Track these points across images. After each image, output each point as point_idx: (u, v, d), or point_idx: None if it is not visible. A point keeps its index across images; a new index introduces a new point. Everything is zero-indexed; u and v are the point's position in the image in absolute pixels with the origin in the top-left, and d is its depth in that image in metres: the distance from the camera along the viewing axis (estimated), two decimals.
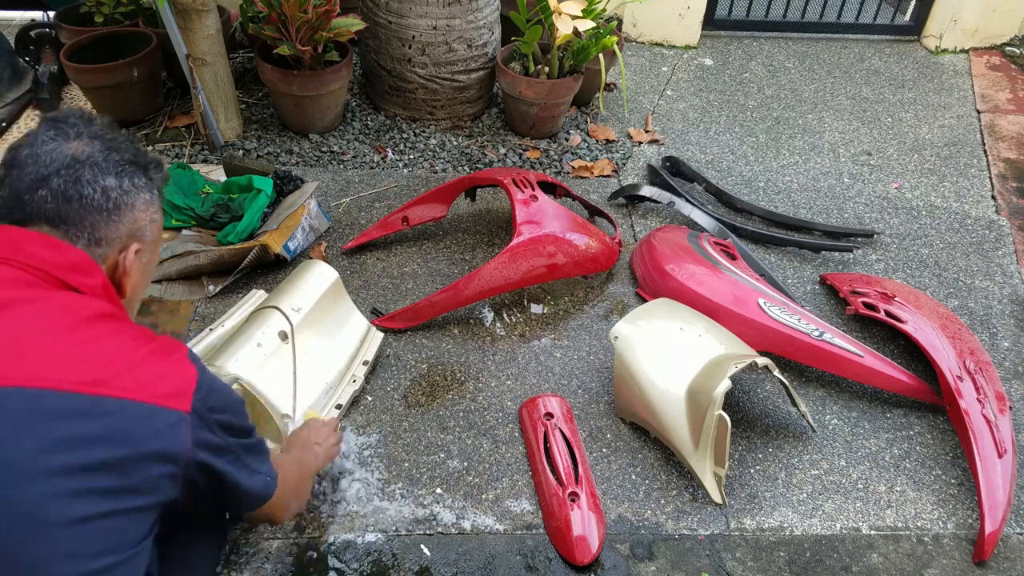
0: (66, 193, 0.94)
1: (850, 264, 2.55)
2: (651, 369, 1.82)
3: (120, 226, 0.99)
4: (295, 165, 2.82)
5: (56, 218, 0.94)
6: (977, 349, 2.08)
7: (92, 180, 0.96)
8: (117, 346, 0.90)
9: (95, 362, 0.87)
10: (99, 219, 0.97)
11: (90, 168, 0.96)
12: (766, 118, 3.38)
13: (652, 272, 2.29)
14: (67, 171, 0.95)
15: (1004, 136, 3.31)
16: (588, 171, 2.92)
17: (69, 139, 0.97)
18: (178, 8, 2.52)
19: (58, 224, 0.95)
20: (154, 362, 0.92)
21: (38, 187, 0.94)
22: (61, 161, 0.95)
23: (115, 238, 0.99)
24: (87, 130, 0.99)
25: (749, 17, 4.15)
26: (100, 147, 0.98)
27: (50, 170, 0.94)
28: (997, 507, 1.72)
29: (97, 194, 0.96)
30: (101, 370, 0.87)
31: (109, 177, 0.97)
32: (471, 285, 2.11)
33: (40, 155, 0.95)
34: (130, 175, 1.00)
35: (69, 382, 0.84)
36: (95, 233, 0.97)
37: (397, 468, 1.80)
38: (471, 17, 2.90)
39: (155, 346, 0.94)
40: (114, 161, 0.99)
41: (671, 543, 1.69)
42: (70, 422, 0.83)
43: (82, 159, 0.96)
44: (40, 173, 0.94)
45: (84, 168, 0.96)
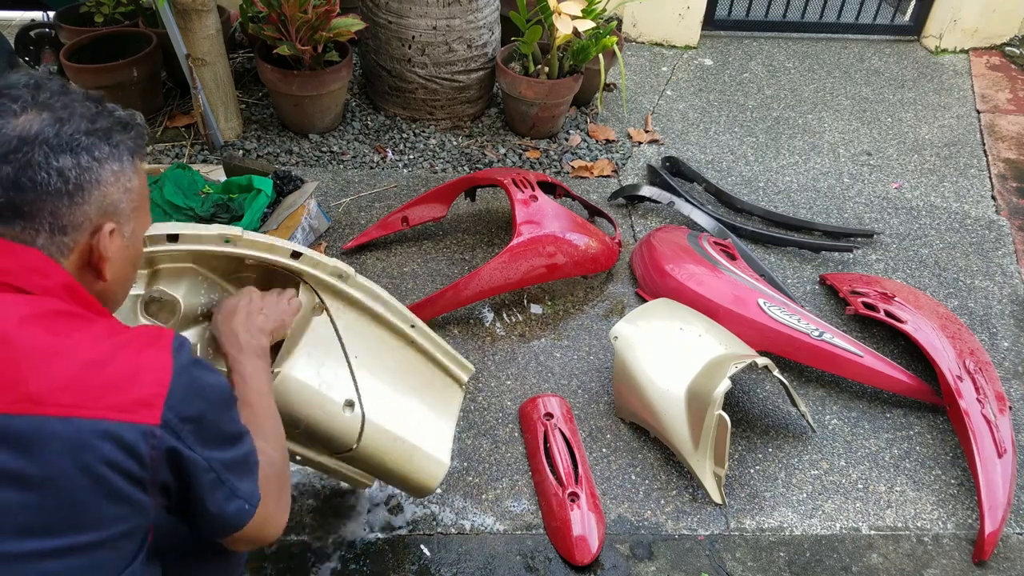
0: (17, 182, 0.80)
1: (850, 264, 2.55)
2: (651, 369, 1.82)
3: (86, 207, 0.85)
4: (295, 165, 2.82)
5: (10, 212, 0.80)
6: (977, 349, 2.08)
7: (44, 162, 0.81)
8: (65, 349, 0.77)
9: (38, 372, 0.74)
10: (59, 205, 0.82)
11: (40, 148, 0.81)
12: (766, 118, 3.38)
13: (652, 272, 2.29)
14: (15, 155, 0.80)
15: (1004, 136, 3.31)
16: (588, 171, 2.92)
17: (15, 115, 0.82)
18: (178, 8, 2.52)
19: (12, 220, 0.81)
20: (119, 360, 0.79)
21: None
22: (7, 144, 0.80)
23: (82, 222, 0.85)
24: (33, 100, 0.83)
25: (749, 17, 4.15)
26: (49, 119, 0.83)
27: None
28: (997, 507, 1.72)
29: (52, 178, 0.81)
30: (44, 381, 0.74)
31: (63, 156, 0.82)
32: (471, 285, 2.11)
33: None
34: (87, 148, 0.84)
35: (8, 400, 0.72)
36: (57, 221, 0.83)
37: None
38: (471, 17, 2.90)
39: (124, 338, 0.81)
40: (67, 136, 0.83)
41: (671, 543, 1.69)
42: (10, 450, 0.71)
43: (30, 138, 0.81)
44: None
45: (34, 149, 0.80)
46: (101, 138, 0.86)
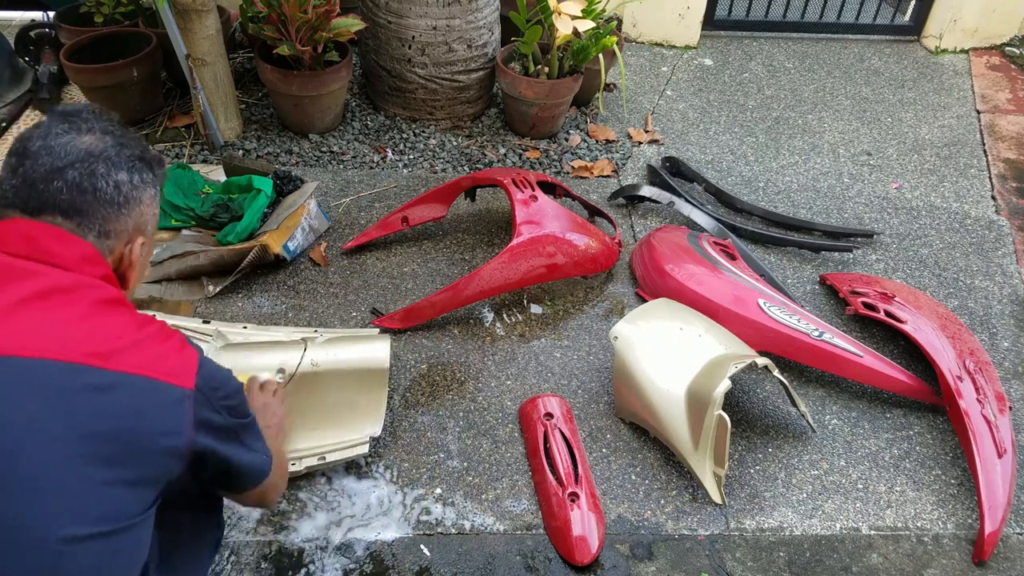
0: (81, 185, 0.96)
1: (850, 264, 2.55)
2: (651, 369, 1.82)
3: (128, 220, 1.01)
4: (295, 165, 2.82)
5: (70, 209, 0.96)
6: (977, 349, 2.08)
7: (106, 174, 0.98)
8: (123, 326, 0.93)
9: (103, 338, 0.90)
10: (110, 212, 0.99)
11: (104, 162, 0.98)
12: (766, 118, 3.38)
13: (652, 272, 2.29)
14: (82, 164, 0.96)
15: (1004, 136, 3.31)
16: (588, 171, 2.92)
17: (82, 133, 0.98)
18: (178, 8, 2.52)
19: (71, 215, 0.96)
20: (157, 341, 0.95)
21: (53, 178, 0.95)
22: (76, 154, 0.96)
23: (123, 231, 1.01)
24: (98, 125, 1.01)
25: (749, 17, 4.15)
26: (112, 142, 1.00)
27: (65, 162, 0.96)
28: (997, 507, 1.72)
29: (110, 188, 0.98)
30: (108, 345, 0.89)
31: (121, 172, 0.99)
32: (471, 285, 2.11)
33: (54, 147, 0.96)
34: (140, 171, 1.02)
35: (77, 354, 0.87)
36: (105, 226, 0.99)
37: (397, 468, 1.80)
38: (471, 17, 2.90)
39: (156, 328, 0.97)
40: (126, 156, 1.00)
41: (671, 543, 1.69)
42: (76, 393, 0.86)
43: (96, 153, 0.98)
44: (55, 164, 0.95)
45: (98, 162, 0.97)
46: (147, 166, 1.04)
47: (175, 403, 0.92)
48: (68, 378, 0.86)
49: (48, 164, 0.95)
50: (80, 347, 0.88)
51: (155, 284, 2.22)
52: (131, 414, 0.88)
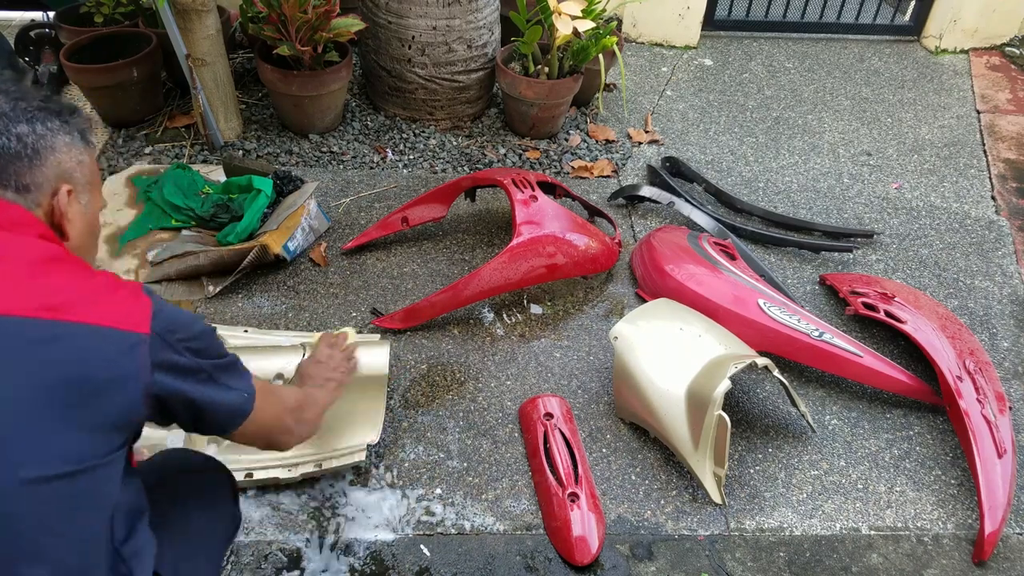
0: None
1: (850, 264, 2.55)
2: (651, 369, 1.82)
3: (44, 169, 1.00)
4: (295, 165, 2.82)
5: None
6: (977, 349, 2.08)
7: (4, 129, 0.97)
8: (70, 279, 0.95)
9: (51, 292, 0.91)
10: (20, 166, 0.98)
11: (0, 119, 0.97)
12: (766, 118, 3.38)
13: (652, 272, 2.29)
14: None
15: (1004, 136, 3.31)
16: (588, 171, 2.92)
17: None
18: (178, 8, 2.52)
19: None
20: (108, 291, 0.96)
21: None
22: None
23: (42, 182, 1.00)
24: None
25: (749, 17, 4.15)
26: (5, 99, 0.99)
27: None
28: (997, 507, 1.72)
29: (12, 142, 0.97)
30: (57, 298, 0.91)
31: (20, 124, 0.98)
32: (471, 285, 2.11)
33: None
34: (41, 120, 1.01)
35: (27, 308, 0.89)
36: (20, 180, 0.98)
37: (397, 468, 1.80)
38: (471, 17, 2.90)
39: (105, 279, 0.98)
40: (22, 109, 0.99)
41: (671, 543, 1.69)
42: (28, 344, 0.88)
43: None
44: None
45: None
46: (52, 113, 1.02)
47: (128, 348, 0.93)
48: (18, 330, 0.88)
49: None
50: (29, 301, 0.89)
51: (155, 284, 2.22)
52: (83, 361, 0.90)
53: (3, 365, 0.87)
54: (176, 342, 0.99)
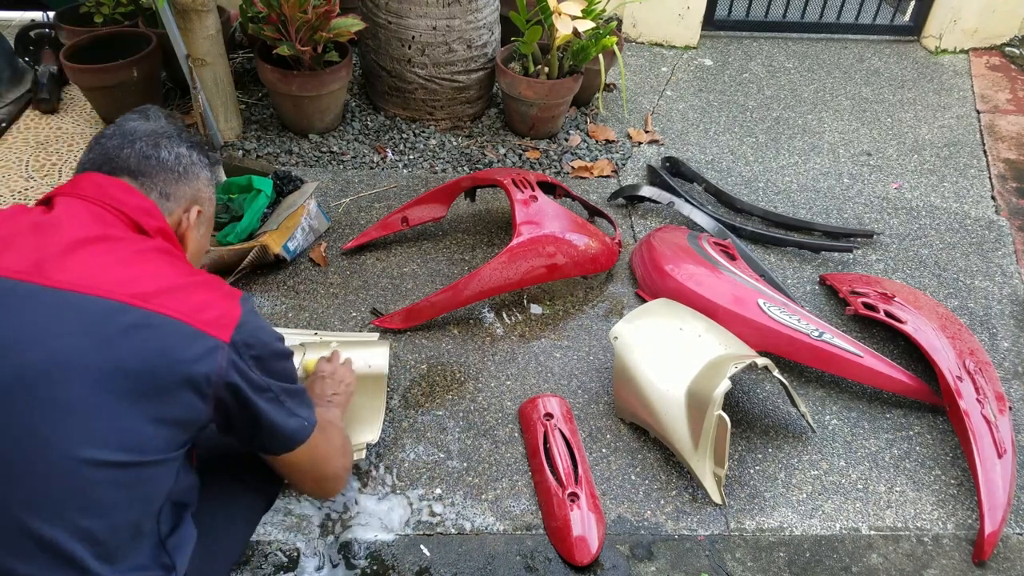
0: (146, 153, 1.13)
1: (850, 264, 2.55)
2: (651, 369, 1.82)
3: (186, 188, 1.17)
4: (295, 165, 2.82)
5: (136, 172, 1.12)
6: (977, 349, 2.08)
7: (168, 146, 1.16)
8: (169, 272, 1.02)
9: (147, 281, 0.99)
10: (170, 177, 1.15)
11: (167, 138, 1.16)
12: (766, 118, 3.38)
13: (652, 272, 2.29)
14: (148, 137, 1.15)
15: (1004, 136, 3.31)
16: (588, 171, 2.92)
17: (150, 120, 1.18)
18: (178, 9, 2.52)
19: (137, 176, 1.12)
20: (203, 292, 1.03)
21: (124, 147, 1.13)
22: (144, 132, 1.15)
23: (181, 197, 1.16)
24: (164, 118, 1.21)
25: (749, 17, 4.15)
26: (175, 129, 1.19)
27: (135, 137, 1.14)
28: (997, 507, 1.72)
29: (171, 157, 1.15)
30: (150, 287, 0.98)
31: (182, 146, 1.18)
32: (471, 285, 2.11)
33: (126, 128, 1.16)
34: (196, 150, 1.20)
35: (121, 294, 0.96)
36: (166, 188, 1.14)
37: (397, 468, 1.80)
38: (471, 17, 2.90)
39: (207, 280, 1.06)
40: (186, 137, 1.20)
41: (671, 543, 1.69)
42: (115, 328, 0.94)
43: (160, 132, 1.17)
44: (127, 139, 1.14)
45: (162, 138, 1.16)
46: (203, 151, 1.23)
47: (207, 352, 0.98)
48: (109, 314, 0.94)
49: (121, 139, 1.14)
50: (124, 288, 0.96)
51: None
52: (163, 353, 0.95)
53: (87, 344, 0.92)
54: (249, 356, 1.03)
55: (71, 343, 0.92)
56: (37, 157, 2.76)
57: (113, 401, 0.92)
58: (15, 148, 2.80)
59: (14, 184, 2.62)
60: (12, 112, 2.96)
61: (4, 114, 2.93)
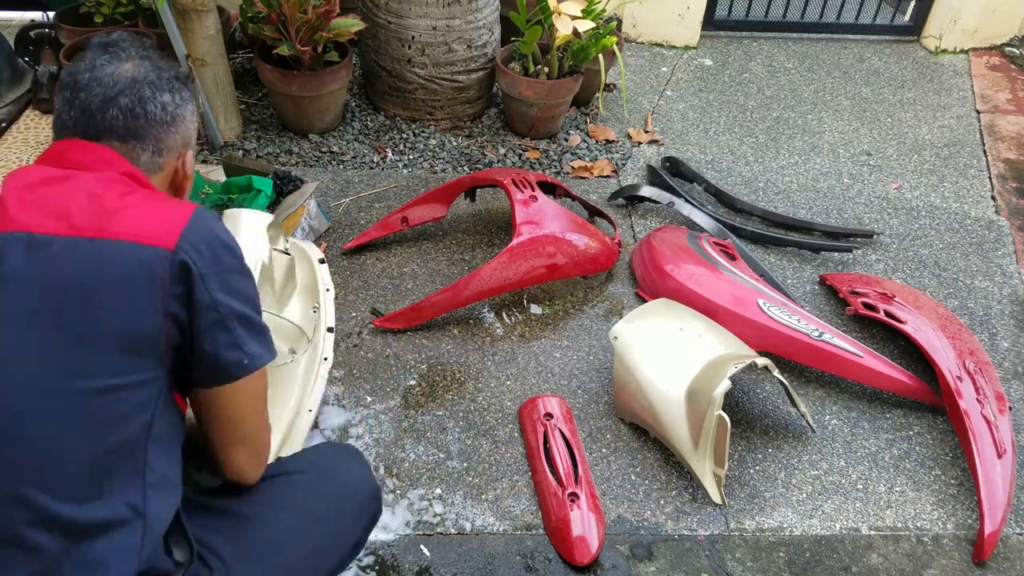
0: (133, 111, 1.05)
1: (850, 264, 2.55)
2: (650, 369, 1.82)
3: (177, 136, 1.11)
4: (295, 165, 2.82)
5: (126, 133, 1.05)
6: (977, 349, 2.08)
7: (152, 97, 1.07)
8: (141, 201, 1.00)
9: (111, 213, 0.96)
10: (162, 131, 1.08)
11: (148, 87, 1.07)
12: (766, 118, 3.38)
13: (652, 272, 2.29)
14: (131, 90, 1.05)
15: (1004, 136, 3.31)
16: (588, 171, 2.92)
17: (123, 60, 1.08)
18: (178, 8, 2.52)
19: (127, 139, 1.05)
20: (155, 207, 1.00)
21: (108, 106, 1.04)
22: (123, 82, 1.05)
23: (174, 147, 1.11)
24: (135, 51, 1.10)
25: (749, 17, 4.15)
26: (151, 66, 1.09)
27: (115, 91, 1.05)
28: (997, 507, 1.73)
29: (158, 109, 1.07)
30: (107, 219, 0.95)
31: (165, 94, 1.09)
32: (471, 285, 2.11)
33: (102, 78, 1.05)
34: (179, 90, 1.12)
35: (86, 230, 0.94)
36: (159, 144, 1.08)
37: (397, 468, 1.80)
38: (471, 17, 2.90)
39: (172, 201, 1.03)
40: (166, 79, 1.10)
41: (671, 543, 1.69)
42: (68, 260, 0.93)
43: (140, 79, 1.07)
44: (107, 94, 1.04)
45: (144, 87, 1.06)
46: (183, 84, 1.14)
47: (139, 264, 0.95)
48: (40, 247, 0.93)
49: (101, 94, 1.04)
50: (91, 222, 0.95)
51: None
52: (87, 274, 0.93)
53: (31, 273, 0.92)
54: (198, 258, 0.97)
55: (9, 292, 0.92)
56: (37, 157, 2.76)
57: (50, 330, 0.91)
58: (15, 148, 2.80)
59: None
60: (12, 112, 2.96)
61: (4, 114, 2.93)
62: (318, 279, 2.10)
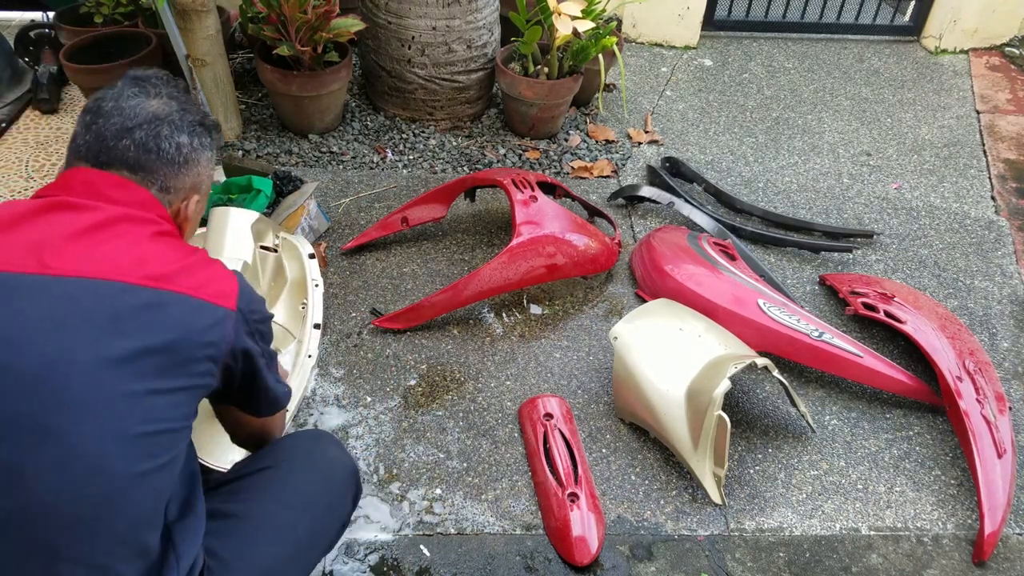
0: (146, 145, 1.07)
1: (850, 264, 2.55)
2: (650, 369, 1.82)
3: (187, 178, 1.12)
4: (295, 165, 2.82)
5: (136, 165, 1.06)
6: (977, 350, 2.08)
7: (169, 136, 1.09)
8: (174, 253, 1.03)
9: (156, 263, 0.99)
10: (171, 171, 1.09)
11: (168, 125, 1.09)
12: (766, 118, 3.38)
13: (652, 272, 2.29)
14: (149, 126, 1.07)
15: (1004, 136, 3.31)
16: (588, 171, 2.92)
17: (150, 97, 1.10)
18: (178, 9, 2.52)
19: (136, 171, 1.06)
20: (204, 267, 1.05)
21: (123, 136, 1.06)
22: (144, 116, 1.07)
23: (181, 188, 1.11)
24: (165, 91, 1.13)
25: (749, 18, 4.15)
26: (176, 108, 1.11)
27: (134, 123, 1.06)
28: (997, 507, 1.72)
29: (172, 149, 1.09)
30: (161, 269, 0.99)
31: (183, 135, 1.10)
32: (471, 285, 2.11)
33: (125, 108, 1.07)
34: (199, 135, 1.13)
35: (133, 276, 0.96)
36: (166, 182, 1.09)
37: (397, 468, 1.80)
38: (471, 18, 2.90)
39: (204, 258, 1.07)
40: (188, 121, 1.12)
41: (671, 544, 1.69)
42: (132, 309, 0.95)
43: (162, 117, 1.09)
44: (125, 124, 1.06)
45: (163, 125, 1.08)
46: (206, 131, 1.15)
47: (219, 321, 1.01)
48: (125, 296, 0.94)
49: (119, 123, 1.06)
50: (135, 270, 0.97)
51: None
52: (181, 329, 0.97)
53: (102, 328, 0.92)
54: (252, 321, 1.07)
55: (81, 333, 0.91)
56: (37, 157, 2.76)
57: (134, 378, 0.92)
58: (15, 148, 2.80)
59: (14, 184, 2.62)
60: (12, 112, 2.96)
61: (4, 114, 2.93)
62: (307, 275, 2.10)
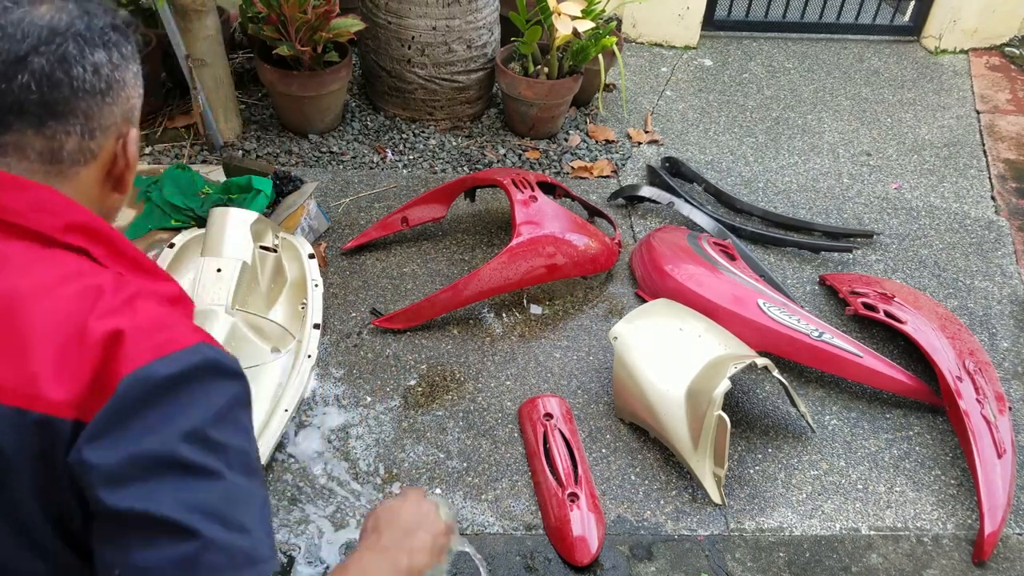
0: (52, 77, 0.72)
1: (850, 264, 2.55)
2: (650, 369, 1.82)
3: (115, 108, 0.78)
4: (294, 165, 2.82)
5: (43, 111, 0.73)
6: (976, 350, 2.08)
7: (80, 56, 0.74)
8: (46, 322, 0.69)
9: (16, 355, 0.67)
10: (93, 104, 0.76)
11: (74, 40, 0.74)
12: (766, 118, 3.38)
13: (652, 272, 2.29)
14: (47, 47, 0.72)
15: (1003, 136, 3.31)
16: (587, 171, 2.92)
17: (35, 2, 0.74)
18: (177, 9, 2.52)
19: (45, 119, 0.74)
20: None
21: (16, 72, 0.71)
22: (37, 34, 0.72)
23: (110, 125, 0.79)
24: None
25: (749, 18, 4.15)
26: (77, 11, 0.75)
27: (26, 47, 0.71)
28: (996, 507, 1.73)
29: (88, 73, 0.75)
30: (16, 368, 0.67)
31: (98, 50, 0.76)
32: (471, 285, 2.11)
33: (6, 27, 0.71)
34: (117, 45, 0.78)
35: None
36: (88, 123, 0.76)
37: (397, 468, 1.80)
38: (471, 18, 2.90)
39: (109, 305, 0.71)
40: (98, 29, 0.76)
41: (670, 544, 1.69)
42: None
43: (61, 29, 0.73)
44: (14, 52, 0.71)
45: (67, 41, 0.73)
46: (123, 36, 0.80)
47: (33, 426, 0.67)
48: None
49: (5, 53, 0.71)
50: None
51: None
52: None
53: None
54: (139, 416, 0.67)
55: None
56: None
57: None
58: None
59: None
60: None
61: None
62: (307, 275, 2.10)
